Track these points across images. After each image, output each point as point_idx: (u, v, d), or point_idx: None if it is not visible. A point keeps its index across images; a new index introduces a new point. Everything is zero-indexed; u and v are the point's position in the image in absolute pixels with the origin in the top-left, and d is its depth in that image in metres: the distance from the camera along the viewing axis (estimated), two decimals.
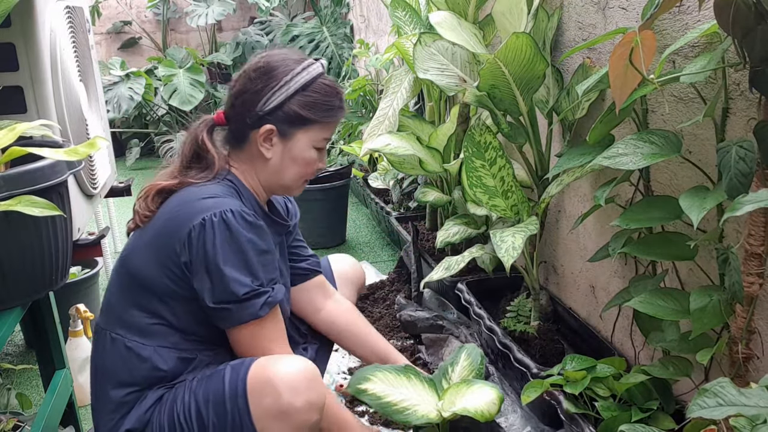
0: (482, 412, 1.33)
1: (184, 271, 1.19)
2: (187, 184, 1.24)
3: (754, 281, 1.09)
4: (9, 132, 1.16)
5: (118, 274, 1.28)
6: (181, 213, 1.20)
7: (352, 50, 4.87)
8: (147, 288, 1.22)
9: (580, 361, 1.43)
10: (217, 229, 1.16)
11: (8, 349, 2.30)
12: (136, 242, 1.26)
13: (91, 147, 1.18)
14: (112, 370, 1.24)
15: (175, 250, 1.18)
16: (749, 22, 0.96)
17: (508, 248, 1.49)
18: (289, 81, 1.25)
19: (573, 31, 1.76)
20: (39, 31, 1.74)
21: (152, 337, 1.22)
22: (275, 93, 1.25)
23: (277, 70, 1.26)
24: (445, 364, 1.58)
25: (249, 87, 1.27)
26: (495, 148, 1.68)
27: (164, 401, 1.22)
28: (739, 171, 1.01)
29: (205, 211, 1.17)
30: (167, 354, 1.23)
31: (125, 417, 1.22)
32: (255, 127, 1.27)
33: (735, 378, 1.17)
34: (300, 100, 1.26)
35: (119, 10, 5.79)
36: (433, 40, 1.84)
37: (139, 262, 1.23)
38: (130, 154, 5.21)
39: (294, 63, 1.28)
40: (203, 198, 1.20)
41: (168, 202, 1.25)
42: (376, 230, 3.56)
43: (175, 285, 1.20)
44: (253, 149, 1.29)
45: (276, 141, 1.28)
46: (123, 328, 1.23)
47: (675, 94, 1.37)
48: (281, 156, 1.29)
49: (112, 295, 1.28)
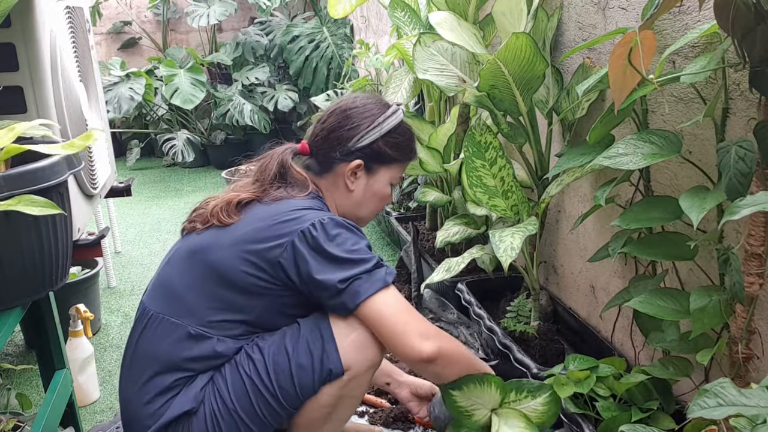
0: None
1: (277, 270, 1.25)
2: (285, 197, 1.33)
3: (754, 281, 1.09)
4: (8, 132, 1.16)
5: (192, 265, 1.29)
6: (284, 220, 1.27)
7: (352, 50, 4.87)
8: (230, 284, 1.25)
9: (582, 361, 1.43)
10: (328, 228, 1.25)
11: (8, 349, 2.31)
12: (218, 238, 1.29)
13: (88, 139, 1.19)
14: (164, 356, 1.25)
15: (274, 252, 1.24)
16: (749, 22, 0.96)
17: (506, 248, 1.49)
18: (381, 123, 1.41)
19: (573, 31, 1.76)
20: (39, 31, 1.74)
21: (218, 329, 1.26)
22: (369, 132, 1.40)
23: (371, 111, 1.42)
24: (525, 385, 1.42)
25: (345, 124, 1.40)
26: (495, 148, 1.68)
27: (218, 376, 1.26)
28: (738, 171, 1.01)
29: (309, 219, 1.26)
30: (230, 343, 1.27)
31: (174, 399, 1.24)
32: (344, 161, 1.40)
33: (735, 378, 1.17)
34: (388, 140, 1.42)
35: (119, 11, 5.79)
36: (432, 41, 1.84)
37: (224, 258, 1.26)
38: (131, 155, 5.21)
39: (384, 107, 1.44)
40: (305, 208, 1.30)
41: (262, 208, 1.32)
42: (376, 230, 3.56)
43: (264, 283, 1.25)
44: (339, 180, 1.42)
45: (361, 175, 1.42)
46: (187, 316, 1.26)
47: (675, 94, 1.37)
48: (364, 189, 1.44)
49: (180, 285, 1.29)
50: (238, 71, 5.37)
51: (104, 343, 2.38)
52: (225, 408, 1.24)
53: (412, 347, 1.23)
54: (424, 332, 1.24)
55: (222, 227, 1.30)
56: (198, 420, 1.24)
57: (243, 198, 1.33)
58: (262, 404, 1.25)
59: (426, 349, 1.23)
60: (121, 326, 2.51)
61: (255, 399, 1.25)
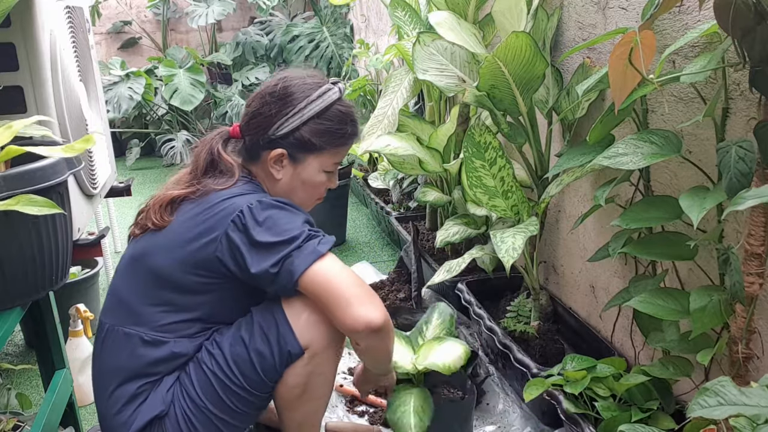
0: (449, 366, 1.48)
1: (216, 265, 1.21)
2: (211, 191, 1.27)
3: (754, 281, 1.09)
4: (5, 130, 1.15)
5: (134, 272, 1.28)
6: (214, 213, 1.22)
7: (352, 50, 4.87)
8: (173, 285, 1.24)
9: (580, 361, 1.43)
10: (257, 213, 1.20)
11: (8, 349, 2.30)
12: (155, 243, 1.27)
13: (87, 142, 1.19)
14: (126, 365, 1.25)
15: (210, 248, 1.21)
16: (749, 22, 0.96)
17: (508, 249, 1.49)
18: (303, 108, 1.29)
19: (573, 30, 1.76)
20: (39, 31, 1.74)
21: (172, 331, 1.25)
22: (289, 119, 1.29)
23: (293, 95, 1.29)
24: (420, 323, 1.73)
25: (264, 110, 1.30)
26: (495, 148, 1.68)
27: (185, 376, 1.25)
28: (738, 171, 1.01)
29: (239, 206, 1.21)
30: (187, 342, 1.26)
31: (142, 405, 1.24)
32: (267, 149, 1.31)
33: (735, 378, 1.17)
34: (313, 127, 1.30)
35: (119, 10, 5.78)
36: (432, 40, 1.84)
37: (164, 261, 1.24)
38: (130, 154, 5.21)
39: (310, 89, 1.30)
40: (233, 196, 1.24)
41: (191, 206, 1.27)
42: (376, 230, 3.56)
43: (206, 279, 1.23)
44: (265, 167, 1.34)
45: (286, 164, 1.32)
46: (139, 324, 1.25)
47: (675, 94, 1.37)
48: (291, 178, 1.34)
49: (126, 293, 1.28)
50: (238, 71, 5.37)
51: None
52: (195, 406, 1.24)
53: (359, 315, 1.15)
54: (367, 299, 1.17)
55: (157, 230, 1.27)
56: (170, 421, 1.23)
57: (174, 196, 1.28)
58: (232, 396, 1.24)
59: (374, 316, 1.15)
60: None
61: (223, 393, 1.24)
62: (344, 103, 1.35)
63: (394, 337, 1.32)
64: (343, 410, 1.84)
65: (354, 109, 1.37)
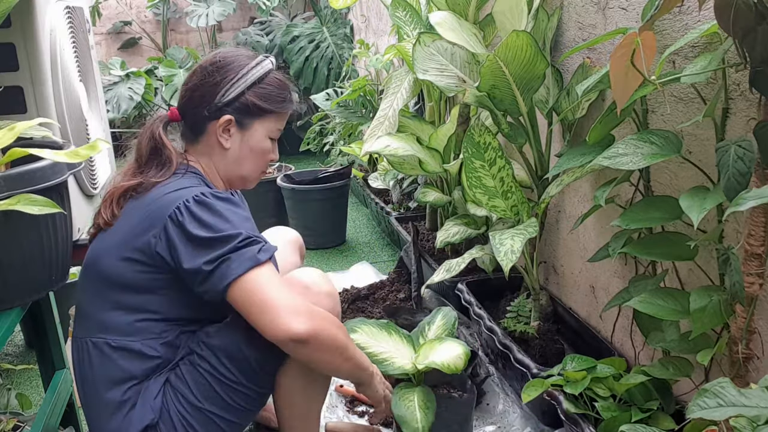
0: (449, 365, 1.48)
1: (160, 261, 1.20)
2: (152, 185, 1.26)
3: (754, 281, 1.09)
4: (8, 132, 1.15)
5: (89, 280, 1.27)
6: (154, 209, 1.21)
7: (352, 50, 4.87)
8: (125, 286, 1.22)
9: (580, 362, 1.43)
10: (195, 208, 1.18)
11: (8, 349, 2.30)
12: (103, 245, 1.26)
13: (93, 149, 1.18)
14: (103, 374, 1.23)
15: (151, 244, 1.19)
16: (750, 22, 0.96)
17: (507, 251, 1.49)
18: (246, 74, 1.33)
19: (573, 31, 1.76)
20: (39, 31, 1.74)
21: (137, 333, 1.23)
22: (233, 85, 1.32)
23: (234, 63, 1.34)
24: (423, 323, 1.73)
25: (207, 80, 1.33)
26: (494, 148, 1.68)
27: (175, 379, 1.24)
28: (737, 170, 1.01)
29: (176, 200, 1.20)
30: (155, 343, 1.24)
31: (131, 412, 1.22)
32: (214, 118, 1.33)
33: (735, 378, 1.17)
34: (256, 92, 1.34)
35: (119, 11, 5.78)
36: (432, 40, 1.84)
37: (112, 263, 1.23)
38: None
39: (248, 59, 1.36)
40: (173, 191, 1.23)
41: (134, 203, 1.26)
42: (376, 230, 3.56)
43: (155, 275, 1.21)
44: (212, 140, 1.35)
45: (234, 131, 1.34)
46: (104, 331, 1.23)
47: (675, 94, 1.37)
48: (240, 145, 1.36)
49: (86, 303, 1.27)
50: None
51: None
52: (192, 407, 1.23)
53: (280, 324, 1.12)
54: (297, 309, 1.14)
55: (106, 230, 1.27)
56: (165, 427, 1.22)
57: (123, 189, 1.27)
58: (231, 393, 1.24)
59: (296, 327, 1.12)
60: None
61: (222, 390, 1.24)
62: (279, 73, 1.40)
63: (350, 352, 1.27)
64: (343, 410, 1.84)
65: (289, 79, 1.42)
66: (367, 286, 2.60)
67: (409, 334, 1.69)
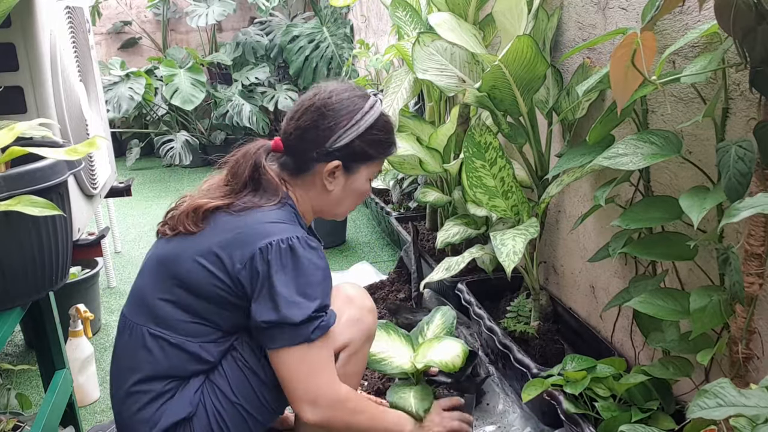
0: (446, 363, 1.49)
1: (238, 285, 1.22)
2: (253, 207, 1.27)
3: (754, 281, 1.09)
4: (8, 132, 1.15)
5: (158, 275, 1.28)
6: (248, 233, 1.23)
7: (352, 50, 4.87)
8: (195, 293, 1.24)
9: (580, 362, 1.43)
10: (284, 254, 1.21)
11: (8, 349, 2.30)
12: (183, 249, 1.26)
13: (91, 146, 1.18)
14: (150, 364, 1.25)
15: (235, 267, 1.21)
16: (750, 22, 0.96)
17: (509, 252, 1.49)
18: (359, 120, 1.32)
19: (573, 31, 1.76)
20: (39, 31, 1.74)
21: (197, 336, 1.26)
22: (346, 132, 1.31)
23: (348, 108, 1.32)
24: (422, 323, 1.74)
25: (320, 123, 1.31)
26: (495, 148, 1.68)
27: (216, 375, 1.27)
28: (738, 171, 1.01)
29: (272, 235, 1.22)
30: (212, 348, 1.27)
31: (167, 404, 1.24)
32: (321, 161, 1.33)
33: (735, 378, 1.17)
34: (367, 138, 1.34)
35: (119, 10, 5.78)
36: (432, 40, 1.84)
37: (189, 269, 1.24)
38: (131, 155, 5.21)
39: (362, 100, 1.34)
40: (271, 222, 1.25)
41: (227, 218, 1.27)
42: (376, 230, 3.56)
43: (227, 294, 1.23)
44: (315, 180, 1.35)
45: (339, 175, 1.35)
46: (163, 326, 1.25)
47: (675, 94, 1.37)
48: (342, 188, 1.37)
49: (151, 293, 1.28)
50: (238, 71, 5.37)
51: (104, 343, 2.38)
52: (227, 402, 1.26)
53: (297, 407, 1.24)
54: (316, 400, 1.23)
55: (188, 235, 1.27)
56: (199, 421, 1.25)
57: (211, 206, 1.28)
58: (266, 392, 1.27)
59: (309, 417, 1.24)
60: None
61: (258, 388, 1.27)
62: (386, 114, 1.40)
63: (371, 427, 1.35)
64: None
65: (392, 119, 1.44)
66: (367, 286, 2.60)
67: (408, 333, 1.70)
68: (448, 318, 1.72)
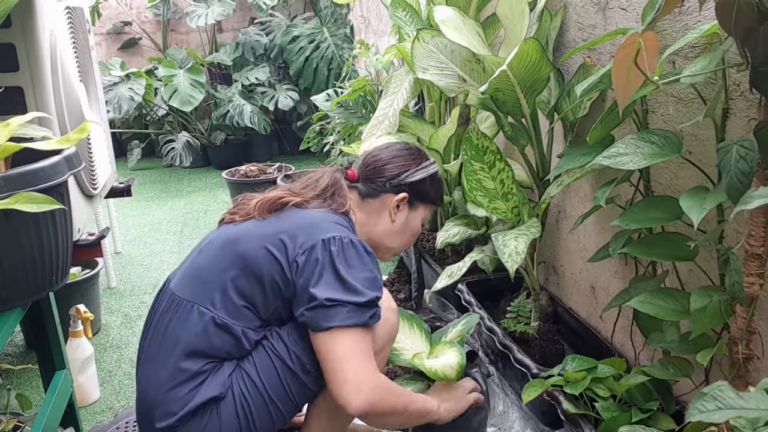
0: (436, 371, 1.48)
1: (293, 267, 1.28)
2: (321, 208, 1.40)
3: (754, 282, 1.09)
4: (3, 129, 1.15)
5: (222, 253, 1.34)
6: (312, 224, 1.34)
7: (352, 51, 4.87)
8: (254, 274, 1.29)
9: (580, 362, 1.43)
10: (347, 247, 1.30)
11: (8, 349, 2.30)
12: (252, 231, 1.35)
13: (82, 132, 1.20)
14: (194, 342, 1.27)
15: (296, 250, 1.29)
16: (751, 22, 0.96)
17: (511, 253, 1.49)
18: (428, 166, 1.54)
19: (573, 31, 1.76)
20: (39, 32, 1.74)
21: (241, 319, 1.29)
22: (419, 171, 1.52)
23: (419, 155, 1.56)
24: (450, 323, 1.75)
25: (398, 161, 1.52)
26: (493, 151, 1.68)
27: (247, 363, 1.30)
28: (739, 170, 1.01)
29: (336, 231, 1.32)
30: (252, 335, 1.30)
31: (201, 385, 1.26)
32: (392, 192, 1.50)
33: (735, 378, 1.17)
34: (429, 182, 1.54)
35: (119, 11, 5.78)
36: (431, 37, 1.82)
37: (254, 248, 1.31)
38: (131, 155, 5.21)
39: (426, 156, 1.58)
40: (336, 223, 1.36)
41: (296, 211, 1.39)
42: None
43: (279, 279, 1.29)
44: (382, 209, 1.50)
45: (403, 208, 1.51)
46: (214, 305, 1.29)
47: (675, 94, 1.37)
48: (404, 222, 1.53)
49: (209, 274, 1.32)
50: (239, 71, 5.37)
51: (104, 343, 2.38)
52: (254, 388, 1.28)
53: (341, 394, 1.24)
54: (360, 386, 1.24)
55: (260, 221, 1.37)
56: (226, 404, 1.27)
57: (288, 200, 1.40)
58: (291, 381, 1.30)
59: (353, 403, 1.23)
60: (121, 327, 2.51)
61: (284, 377, 1.30)
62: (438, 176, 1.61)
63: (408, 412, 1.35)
64: None
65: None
66: None
67: (430, 331, 1.70)
68: (467, 326, 1.71)
